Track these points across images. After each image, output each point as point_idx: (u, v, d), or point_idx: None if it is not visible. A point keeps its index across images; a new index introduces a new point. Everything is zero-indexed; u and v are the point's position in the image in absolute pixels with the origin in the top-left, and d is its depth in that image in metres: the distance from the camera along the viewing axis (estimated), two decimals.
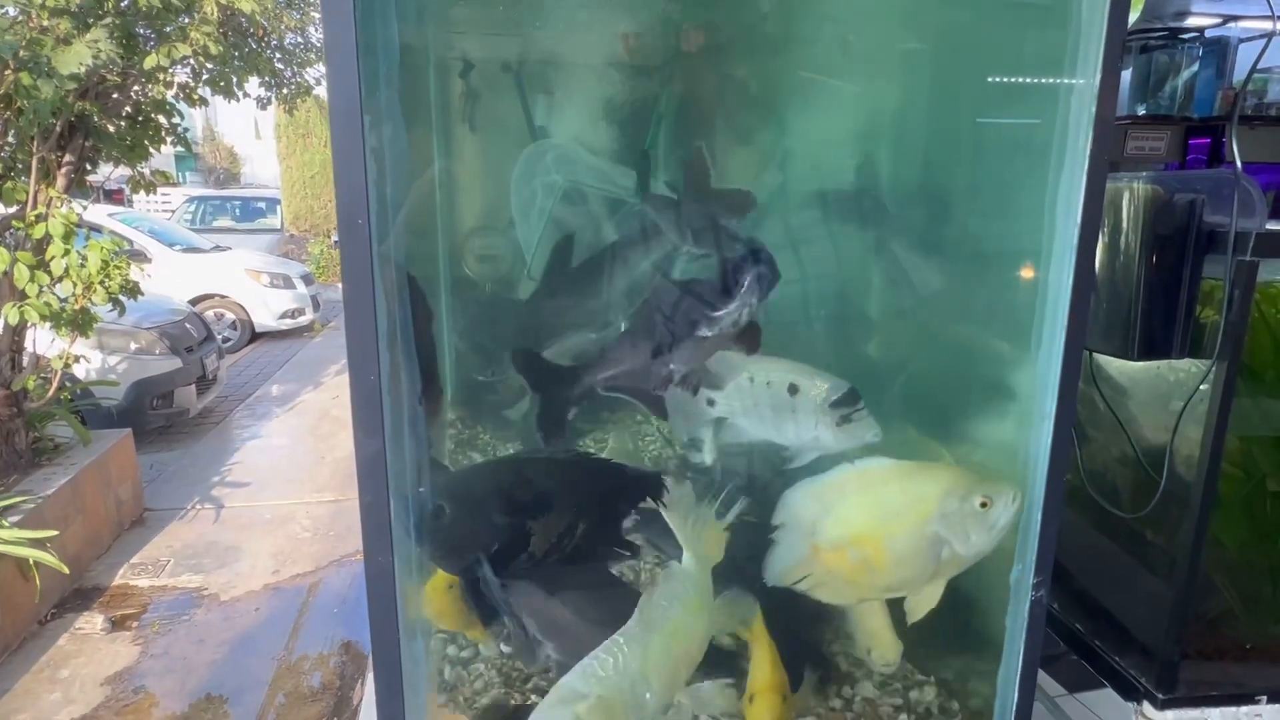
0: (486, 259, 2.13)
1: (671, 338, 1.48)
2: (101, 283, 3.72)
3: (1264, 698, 1.59)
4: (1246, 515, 1.61)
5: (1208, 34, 3.76)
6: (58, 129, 3.63)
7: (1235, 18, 3.68)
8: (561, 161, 2.02)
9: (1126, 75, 3.84)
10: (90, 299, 3.72)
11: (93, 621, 3.35)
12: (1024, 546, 1.26)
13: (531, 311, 1.98)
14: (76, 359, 3.98)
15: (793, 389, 1.57)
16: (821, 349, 2.08)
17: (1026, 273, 1.38)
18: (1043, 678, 2.11)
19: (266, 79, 5.35)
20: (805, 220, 1.93)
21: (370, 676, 1.19)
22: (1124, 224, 1.43)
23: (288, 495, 4.73)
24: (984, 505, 1.32)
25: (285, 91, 5.79)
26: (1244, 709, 1.58)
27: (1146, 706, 1.57)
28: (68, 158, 3.76)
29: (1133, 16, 1.46)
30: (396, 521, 0.99)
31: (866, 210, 1.93)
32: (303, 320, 9.12)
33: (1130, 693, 1.62)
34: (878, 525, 1.44)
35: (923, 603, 1.43)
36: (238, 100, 5.08)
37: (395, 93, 0.92)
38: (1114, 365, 1.69)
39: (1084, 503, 1.75)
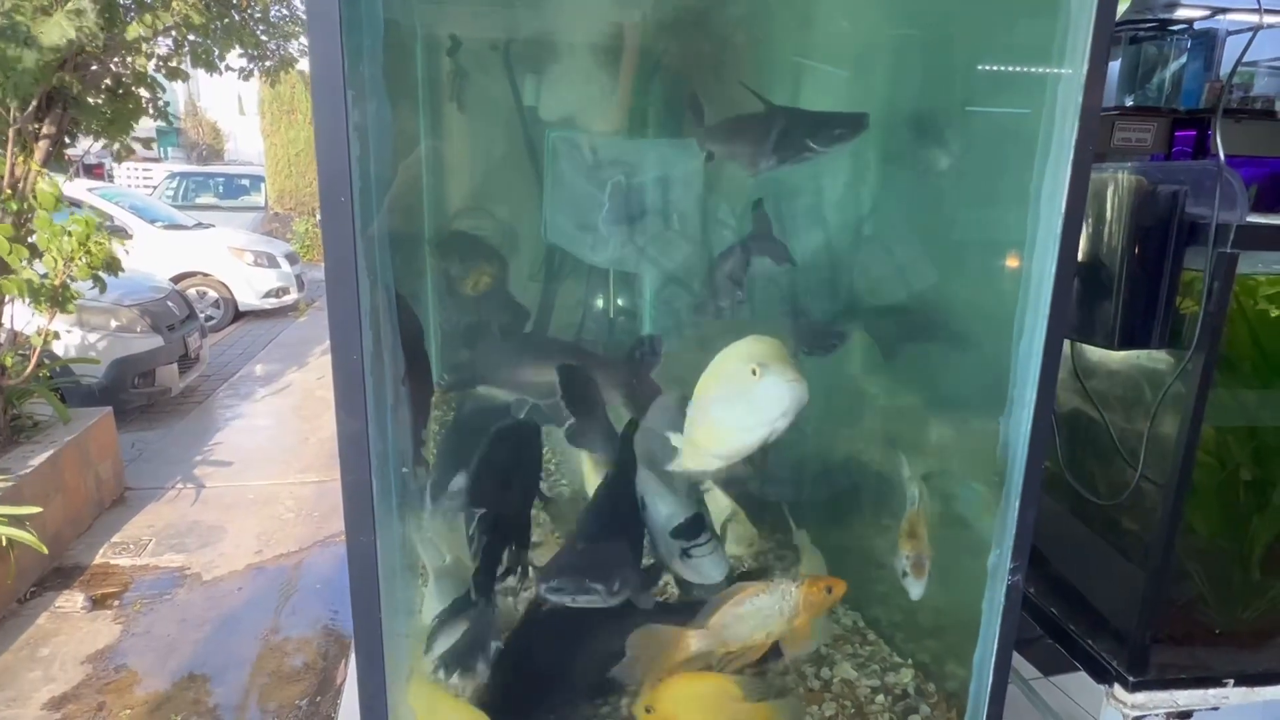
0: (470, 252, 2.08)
1: None
2: (82, 257, 3.67)
3: (1231, 681, 1.62)
4: (1220, 503, 1.63)
5: (1196, 26, 3.77)
6: (36, 100, 3.55)
7: (1224, 10, 3.70)
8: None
9: (1115, 66, 3.85)
10: (70, 274, 3.67)
11: (73, 600, 3.33)
12: (1001, 531, 1.28)
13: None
14: (56, 335, 3.92)
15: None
16: (803, 333, 2.09)
17: (1010, 261, 1.39)
18: (1018, 661, 2.15)
19: (249, 51, 5.25)
20: (790, 206, 1.93)
21: (353, 656, 1.19)
22: (1107, 214, 1.44)
23: (271, 475, 4.70)
24: (753, 373, 1.26)
25: (268, 64, 5.69)
26: (1211, 691, 1.61)
27: (1118, 689, 1.60)
28: (46, 130, 3.69)
29: (1122, 7, 1.47)
30: (379, 501, 0.99)
31: (851, 195, 1.93)
32: (287, 300, 9.03)
33: (1102, 675, 1.65)
34: (703, 383, 1.40)
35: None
36: (220, 73, 4.99)
37: (379, 67, 0.90)
38: (1094, 354, 1.71)
39: (1061, 489, 1.78)
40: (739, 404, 1.28)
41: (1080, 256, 1.48)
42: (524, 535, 1.48)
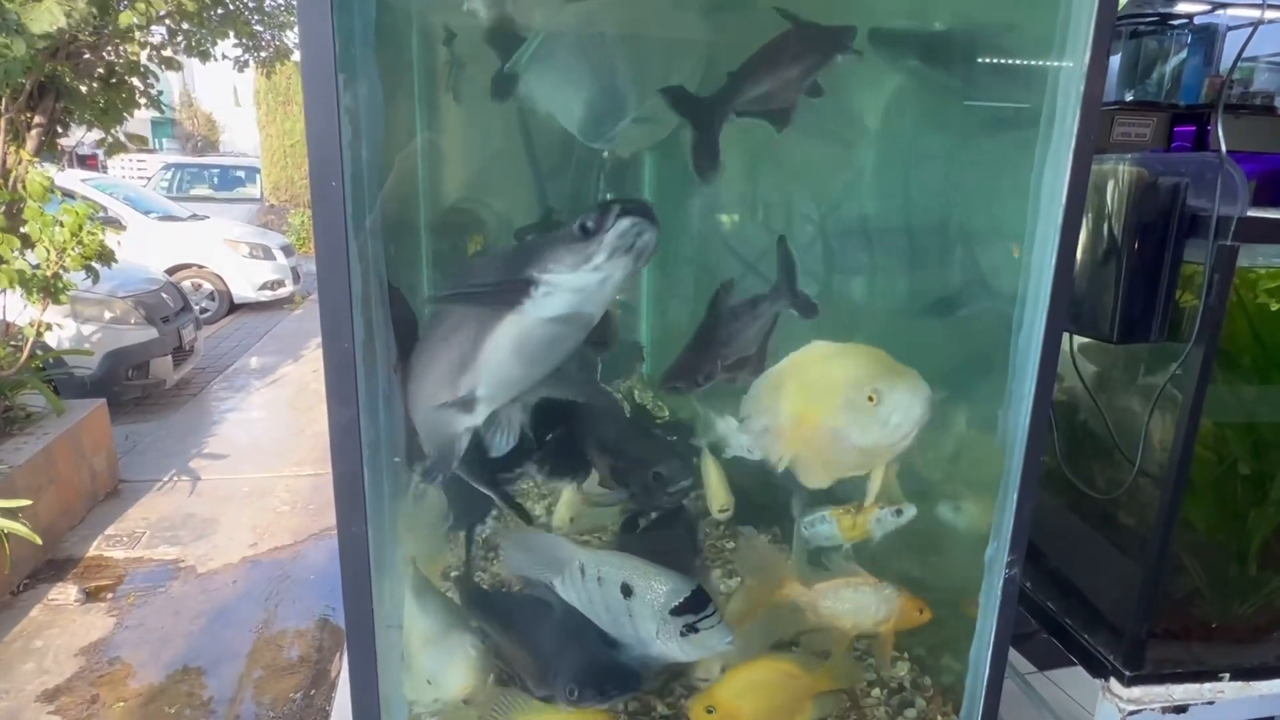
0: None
1: None
2: (75, 248, 3.64)
3: (1227, 675, 1.62)
4: (1217, 497, 1.63)
5: (1197, 21, 3.76)
6: (27, 89, 3.52)
7: (1224, 5, 3.68)
8: None
9: (1115, 61, 3.83)
10: (63, 265, 3.64)
11: (66, 593, 3.32)
12: (999, 525, 1.27)
13: None
14: (49, 327, 3.90)
15: (625, 589, 1.32)
16: (802, 327, 2.08)
17: (1010, 253, 1.38)
18: (1014, 655, 2.15)
19: (244, 41, 5.22)
20: (789, 198, 1.92)
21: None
22: (1108, 206, 1.43)
23: (266, 468, 4.69)
24: (870, 400, 1.29)
25: (263, 54, 5.65)
26: (1207, 686, 1.61)
27: (1114, 683, 1.60)
28: (38, 119, 3.66)
29: (1122, 1, 1.45)
30: (371, 491, 0.98)
31: (850, 190, 1.92)
32: (282, 292, 8.99)
33: (1099, 670, 1.65)
34: (809, 406, 1.42)
35: (872, 486, 1.44)
36: (214, 61, 4.96)
37: (371, 50, 0.89)
38: (1093, 347, 1.71)
39: (1059, 483, 1.77)
40: (870, 429, 1.31)
41: (1080, 249, 1.48)
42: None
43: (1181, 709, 1.59)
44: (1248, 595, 1.70)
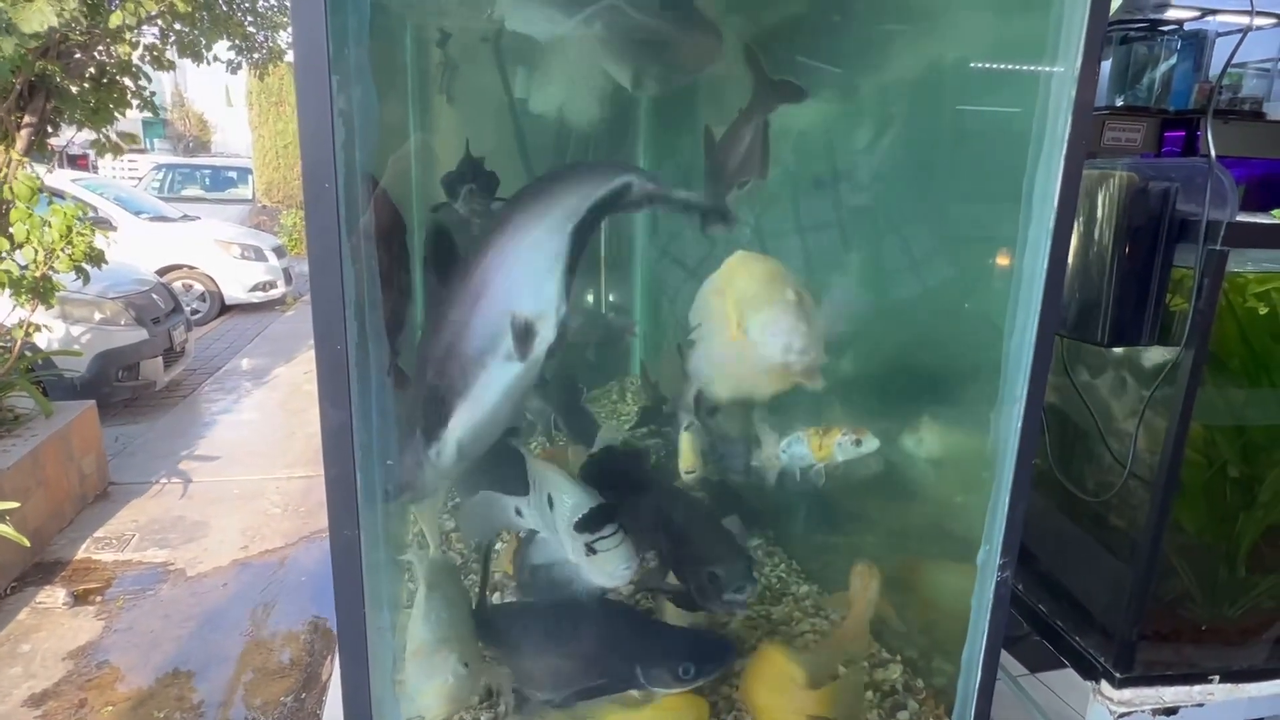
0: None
1: None
2: (64, 249, 3.61)
3: (1216, 677, 1.63)
4: (1207, 500, 1.64)
5: (1186, 27, 3.79)
6: (18, 88, 3.50)
7: (1214, 11, 3.72)
8: None
9: (1106, 66, 3.86)
10: (52, 266, 3.62)
11: (54, 596, 3.29)
12: (991, 528, 1.27)
13: None
14: (38, 328, 3.87)
15: (549, 502, 1.30)
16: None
17: (1002, 258, 1.38)
18: (1006, 658, 2.16)
19: (237, 42, 5.20)
20: (780, 201, 1.92)
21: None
22: (1099, 210, 1.44)
23: (257, 470, 4.66)
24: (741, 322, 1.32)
25: (257, 56, 5.63)
26: (1197, 688, 1.62)
27: (1104, 685, 1.61)
28: (28, 119, 3.63)
29: (1113, 7, 1.47)
30: (363, 494, 0.97)
31: (843, 192, 1.92)
32: (274, 293, 8.95)
33: (1089, 672, 1.65)
34: (724, 316, 1.45)
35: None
36: (207, 64, 4.95)
37: (365, 52, 0.88)
38: (1084, 350, 1.71)
39: (1050, 485, 1.78)
40: (745, 350, 1.31)
41: (1072, 254, 1.48)
42: None
43: (1171, 711, 1.60)
44: (1237, 598, 1.71)
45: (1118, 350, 1.60)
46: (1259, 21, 3.70)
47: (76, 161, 10.55)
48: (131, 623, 3.15)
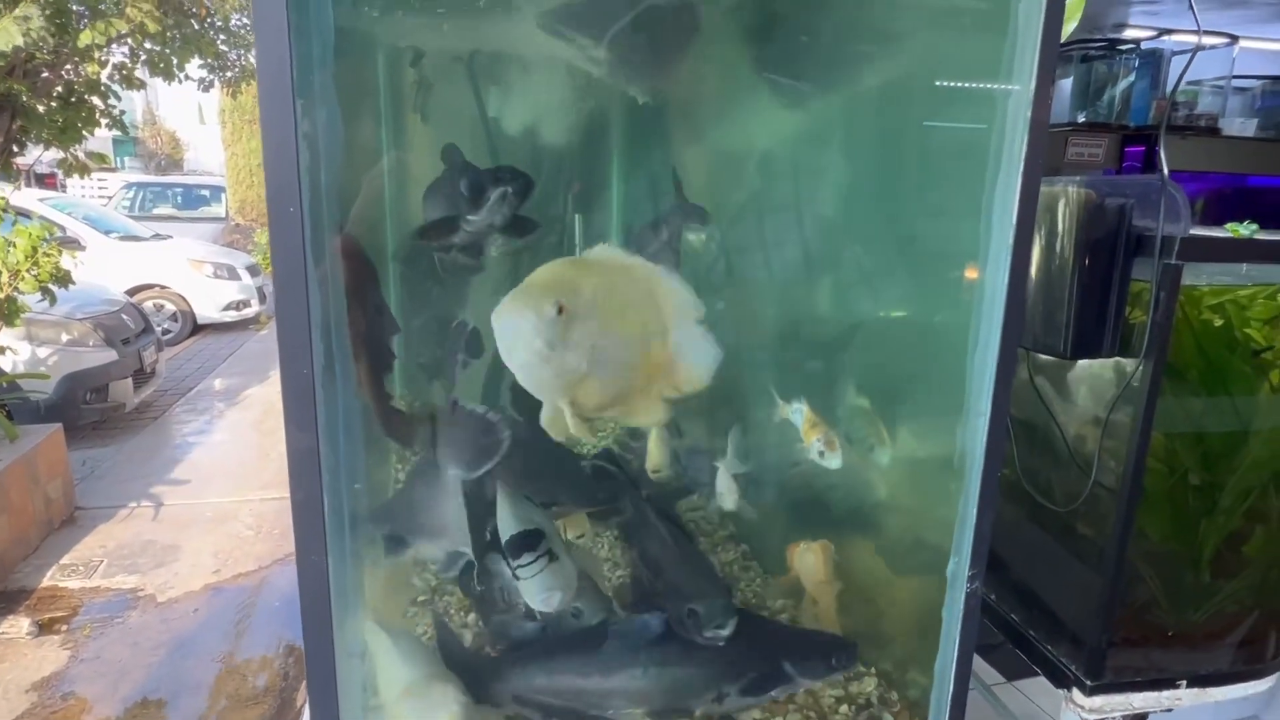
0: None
1: None
2: (30, 270, 3.56)
3: (1184, 682, 1.66)
4: (1170, 508, 1.67)
5: (1143, 46, 3.90)
6: None
7: (1169, 31, 3.84)
8: None
9: (1067, 84, 3.96)
10: (17, 287, 3.55)
11: (18, 625, 3.20)
12: (960, 539, 1.29)
13: None
14: (1, 351, 3.79)
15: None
16: (764, 347, 2.11)
17: (965, 274, 1.41)
18: (981, 666, 2.18)
19: (209, 60, 5.17)
20: (745, 222, 1.95)
21: None
22: (1058, 227, 1.48)
23: (230, 492, 4.58)
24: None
25: (229, 74, 5.60)
26: (1165, 694, 1.65)
27: (1076, 693, 1.63)
28: None
29: (1070, 27, 1.51)
30: (331, 519, 0.96)
31: (806, 213, 1.95)
32: (248, 312, 8.85)
33: (1061, 680, 1.67)
34: None
35: None
36: (179, 82, 4.91)
37: (330, 76, 0.89)
38: (1048, 363, 1.75)
39: (1019, 496, 1.80)
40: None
41: (1033, 269, 1.52)
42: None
43: (1141, 716, 1.62)
44: (1202, 602, 1.74)
45: (1080, 362, 1.63)
46: (1213, 41, 3.82)
47: (44, 180, 10.39)
48: (99, 651, 3.07)
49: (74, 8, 3.81)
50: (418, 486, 1.42)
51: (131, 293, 7.48)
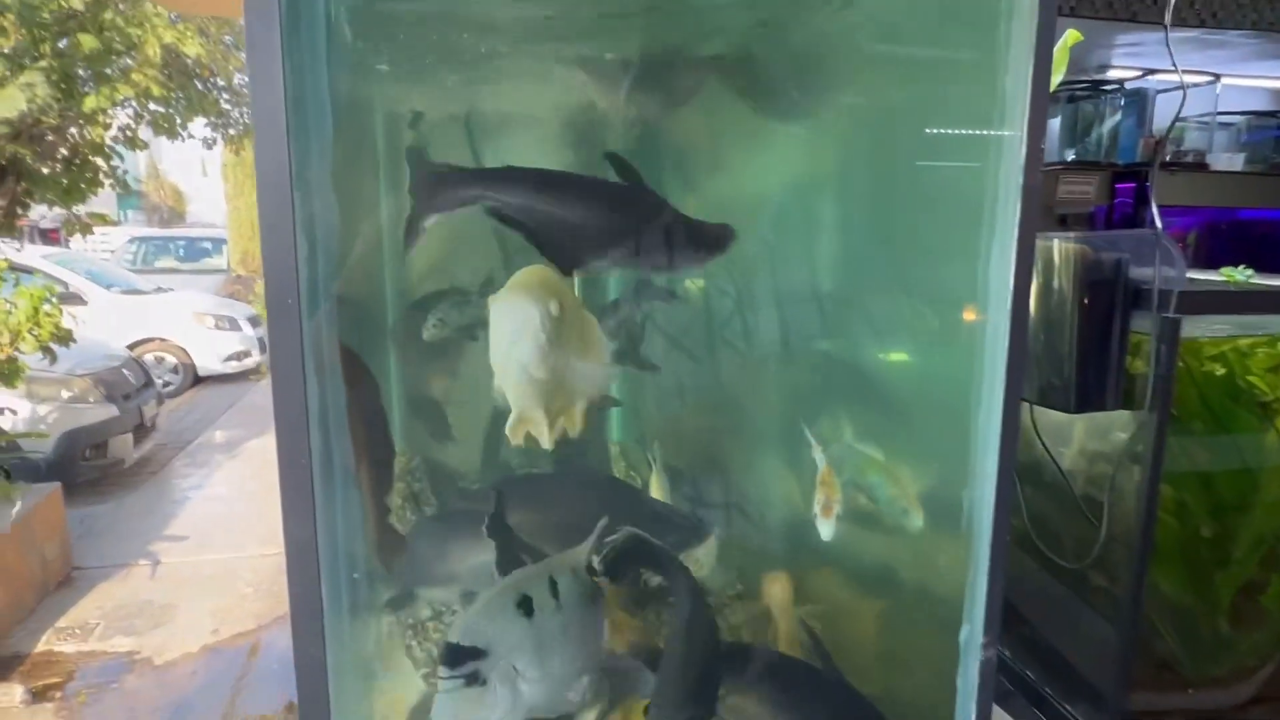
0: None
1: None
2: (31, 330, 3.57)
3: None
4: (1183, 561, 1.65)
5: (1128, 85, 3.98)
6: None
7: (1153, 71, 3.92)
8: None
9: (1055, 123, 4.03)
10: (18, 348, 3.56)
11: (11, 693, 3.13)
12: (971, 605, 1.26)
13: None
14: (0, 411, 3.78)
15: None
16: (763, 398, 2.10)
17: (964, 331, 1.41)
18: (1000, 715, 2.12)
19: (212, 119, 5.26)
20: (742, 268, 1.96)
21: None
22: (1055, 283, 1.48)
23: (229, 549, 4.53)
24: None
25: (233, 132, 5.70)
26: None
27: None
28: None
29: (1056, 79, 1.53)
30: (329, 610, 0.94)
31: (801, 264, 1.96)
32: (249, 362, 8.86)
33: None
34: None
35: None
36: (182, 140, 4.99)
37: (328, 166, 0.90)
38: (1054, 418, 1.74)
39: (1031, 551, 1.78)
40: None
41: (1034, 325, 1.52)
42: None
43: None
44: (1221, 656, 1.70)
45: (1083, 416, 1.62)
46: (1196, 80, 3.89)
47: (48, 235, 10.49)
48: (94, 718, 3.00)
49: (79, 73, 3.90)
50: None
51: (133, 346, 7.50)
